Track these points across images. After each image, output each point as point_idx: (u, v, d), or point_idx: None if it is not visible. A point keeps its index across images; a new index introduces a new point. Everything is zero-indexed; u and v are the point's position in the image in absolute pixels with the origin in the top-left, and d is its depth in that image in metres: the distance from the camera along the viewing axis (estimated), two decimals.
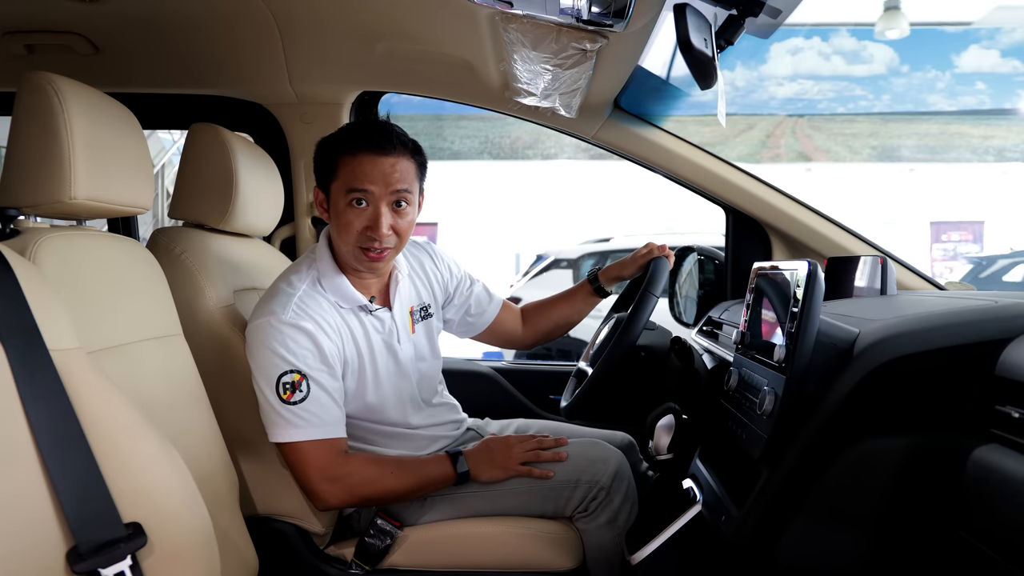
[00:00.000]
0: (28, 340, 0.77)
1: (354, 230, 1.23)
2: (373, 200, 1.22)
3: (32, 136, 0.94)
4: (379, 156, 1.22)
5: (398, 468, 1.29)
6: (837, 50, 11.80)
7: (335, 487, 1.23)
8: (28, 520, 0.73)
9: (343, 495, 1.25)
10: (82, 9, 1.37)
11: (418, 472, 1.29)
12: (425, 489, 1.31)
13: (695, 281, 1.87)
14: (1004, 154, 10.86)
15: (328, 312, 1.26)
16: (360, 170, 1.21)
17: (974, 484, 0.79)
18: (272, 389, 1.19)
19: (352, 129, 1.28)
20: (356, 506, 1.33)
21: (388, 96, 1.89)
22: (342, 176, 1.23)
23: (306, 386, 1.19)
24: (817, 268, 0.96)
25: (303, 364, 1.20)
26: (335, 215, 1.26)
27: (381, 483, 1.26)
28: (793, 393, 0.93)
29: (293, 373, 1.19)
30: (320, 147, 1.29)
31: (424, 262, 1.51)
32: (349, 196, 1.22)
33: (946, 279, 1.76)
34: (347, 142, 1.24)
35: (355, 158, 1.22)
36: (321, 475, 1.22)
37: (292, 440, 1.21)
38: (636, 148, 1.72)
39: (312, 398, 1.20)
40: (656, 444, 1.24)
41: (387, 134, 1.23)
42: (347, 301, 1.30)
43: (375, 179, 1.21)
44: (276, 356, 1.19)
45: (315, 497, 1.24)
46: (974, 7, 10.75)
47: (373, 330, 1.33)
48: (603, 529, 1.31)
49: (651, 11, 1.11)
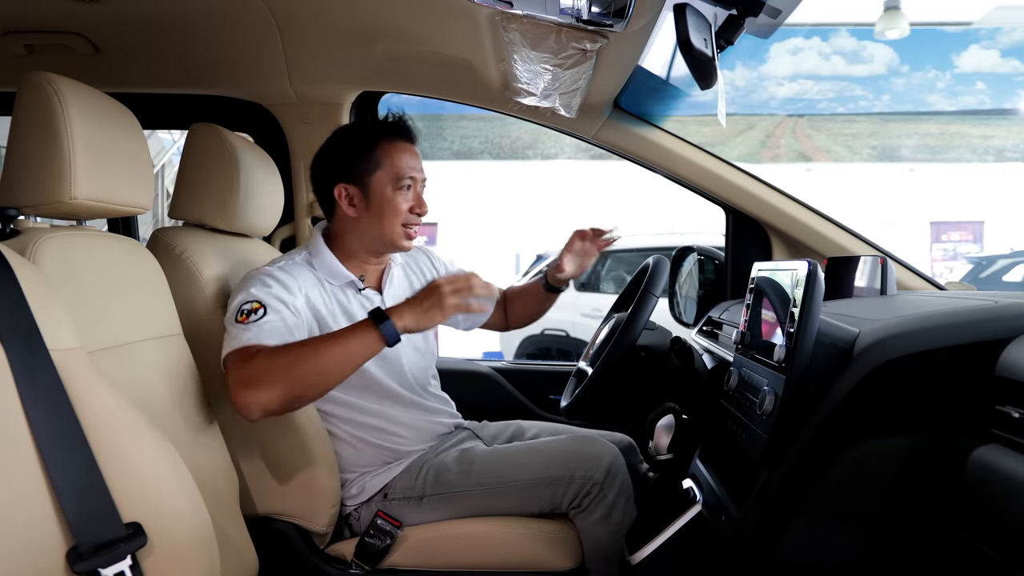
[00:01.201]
0: (28, 340, 0.77)
1: (402, 211, 1.35)
2: (415, 184, 1.37)
3: (32, 136, 0.94)
4: (413, 146, 1.39)
5: (310, 347, 1.15)
6: (837, 50, 11.80)
7: (249, 390, 1.10)
8: (28, 520, 0.73)
9: (264, 396, 1.10)
10: (82, 9, 1.37)
11: (334, 341, 1.15)
12: (352, 357, 1.14)
13: (695, 281, 1.87)
14: (1004, 154, 10.85)
15: (309, 279, 1.33)
16: (406, 160, 1.36)
17: (974, 484, 0.79)
18: (233, 316, 1.20)
19: (387, 124, 1.39)
20: (287, 403, 1.14)
21: (388, 96, 1.89)
22: (389, 166, 1.34)
23: (262, 312, 1.20)
24: (817, 268, 0.96)
25: (264, 296, 1.23)
26: (379, 203, 1.34)
27: (296, 367, 1.12)
28: (793, 393, 0.93)
29: (254, 302, 1.21)
30: (350, 145, 1.36)
31: (420, 262, 1.59)
32: (399, 183, 1.34)
33: (946, 279, 1.76)
34: (389, 135, 1.37)
35: (397, 148, 1.36)
36: (236, 382, 1.11)
37: (224, 352, 1.17)
38: (636, 148, 1.73)
39: (266, 320, 1.19)
40: (656, 444, 1.24)
41: (411, 128, 1.40)
42: (336, 278, 1.37)
43: (416, 167, 1.37)
44: (243, 292, 1.23)
45: (238, 406, 1.11)
46: (974, 7, 10.75)
47: (360, 309, 1.38)
48: (599, 525, 1.31)
49: (651, 11, 1.11)
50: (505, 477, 1.34)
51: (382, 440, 1.39)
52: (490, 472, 1.35)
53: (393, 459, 1.41)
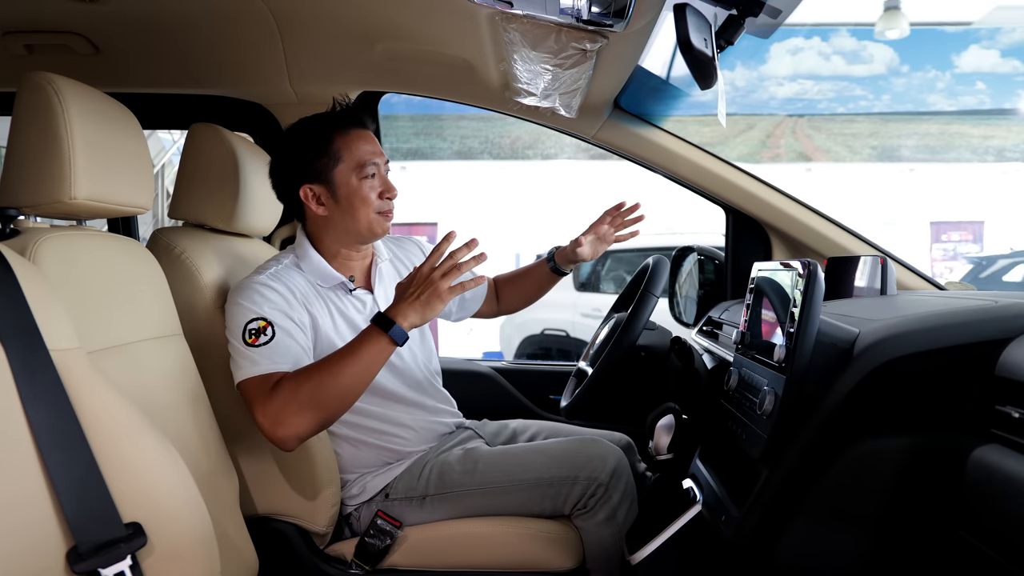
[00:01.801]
0: (28, 340, 0.77)
1: (372, 198, 1.32)
2: (378, 169, 1.34)
3: (32, 136, 0.94)
4: (367, 131, 1.36)
5: (327, 369, 1.15)
6: (837, 50, 11.80)
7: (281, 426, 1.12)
8: (28, 520, 0.73)
9: (296, 428, 1.13)
10: (82, 9, 1.37)
11: (348, 357, 1.15)
12: (369, 367, 1.15)
13: (695, 281, 1.87)
14: (1004, 154, 10.85)
15: (302, 285, 1.32)
16: (364, 148, 1.33)
17: (974, 484, 0.79)
18: (239, 337, 1.20)
19: (337, 116, 1.35)
20: (319, 427, 1.17)
21: (388, 96, 1.89)
22: (348, 158, 1.31)
23: (271, 331, 1.20)
24: (817, 268, 0.96)
25: (268, 312, 1.22)
26: (348, 195, 1.32)
27: (320, 393, 1.13)
28: (793, 393, 0.93)
29: (259, 320, 1.20)
30: (305, 146, 1.32)
31: (411, 252, 1.59)
32: (362, 172, 1.31)
33: (946, 279, 1.76)
34: (340, 127, 1.33)
35: (354, 139, 1.33)
36: (265, 419, 1.13)
37: (241, 377, 1.18)
38: (636, 148, 1.72)
39: (277, 341, 1.20)
40: (656, 444, 1.24)
41: (357, 113, 1.37)
42: (325, 280, 1.35)
43: (375, 151, 1.34)
44: (244, 307, 1.22)
45: (273, 441, 1.14)
46: (974, 7, 10.75)
47: (354, 311, 1.37)
48: (602, 526, 1.32)
49: (651, 11, 1.11)
50: (509, 477, 1.34)
51: (384, 441, 1.39)
52: (494, 471, 1.35)
53: (394, 459, 1.41)
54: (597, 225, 1.59)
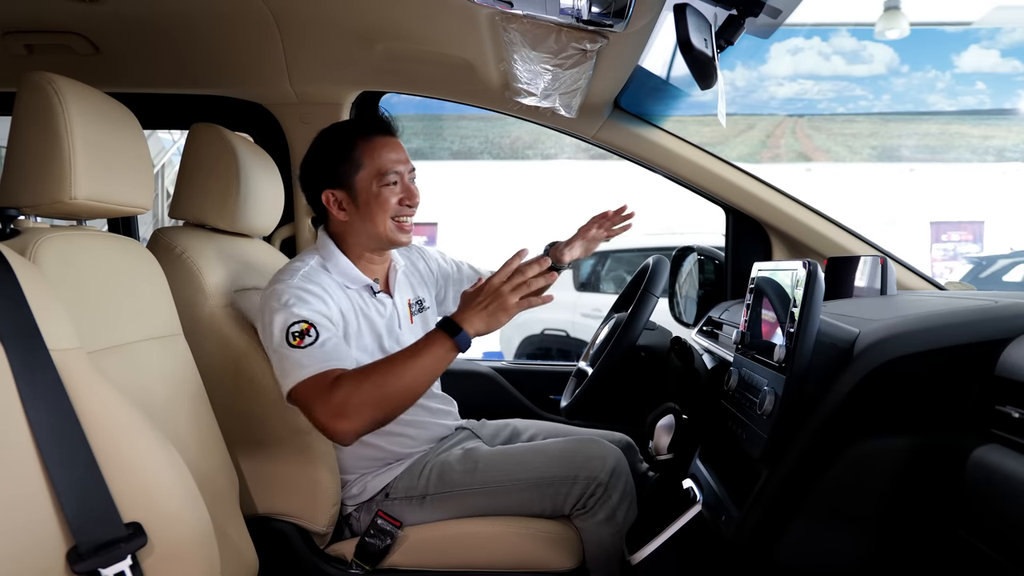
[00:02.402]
0: (28, 340, 0.77)
1: (391, 205, 1.33)
2: (401, 177, 1.35)
3: (32, 136, 0.94)
4: (393, 138, 1.36)
5: (389, 367, 1.15)
6: (837, 50, 11.80)
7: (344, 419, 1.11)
8: (28, 520, 0.73)
9: (358, 423, 1.12)
10: (82, 9, 1.37)
11: (412, 357, 1.15)
12: (432, 369, 1.15)
13: (695, 281, 1.87)
14: (1004, 154, 10.85)
15: (332, 287, 1.31)
16: (387, 153, 1.33)
17: (974, 484, 0.79)
18: (283, 340, 1.18)
19: (362, 122, 1.38)
20: (378, 424, 1.16)
21: (388, 96, 1.89)
22: (369, 164, 1.32)
23: (315, 332, 1.19)
24: (817, 268, 0.96)
25: (309, 314, 1.21)
26: (367, 201, 1.33)
27: (382, 389, 1.13)
28: (793, 393, 0.93)
29: (301, 323, 1.19)
30: (330, 151, 1.34)
31: (416, 262, 1.60)
32: (383, 180, 1.32)
33: (946, 279, 1.76)
34: (363, 134, 1.34)
35: (376, 145, 1.33)
36: (325, 413, 1.12)
37: (296, 380, 1.16)
38: (636, 148, 1.73)
39: (324, 340, 1.19)
40: (656, 444, 1.24)
41: (389, 121, 1.38)
42: (353, 281, 1.36)
43: (400, 160, 1.35)
44: (284, 310, 1.20)
45: (331, 436, 1.14)
46: (974, 7, 10.74)
47: (376, 313, 1.38)
48: (602, 526, 1.32)
49: (651, 11, 1.11)
50: (510, 476, 1.35)
51: (384, 442, 1.39)
52: (495, 471, 1.35)
53: (394, 460, 1.41)
54: (585, 230, 1.64)
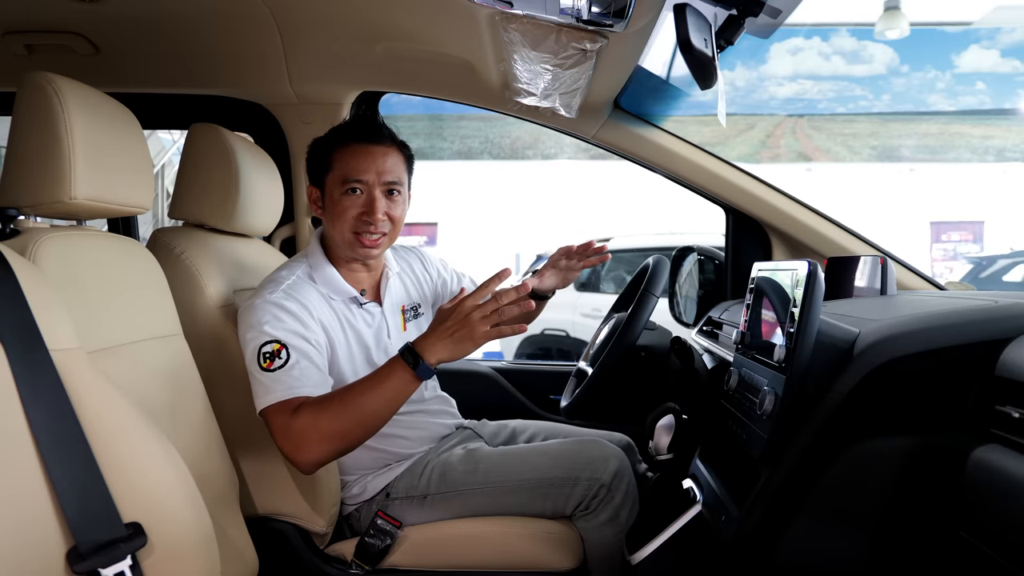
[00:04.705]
0: (28, 340, 0.77)
1: (349, 216, 1.28)
2: (367, 188, 1.29)
3: (32, 136, 0.94)
4: (371, 147, 1.29)
5: (349, 398, 1.13)
6: (837, 50, 11.81)
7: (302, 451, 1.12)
8: (28, 520, 0.73)
9: (316, 453, 1.12)
10: (82, 9, 1.37)
11: (372, 389, 1.13)
12: (392, 400, 1.14)
13: (695, 281, 1.87)
14: (1004, 154, 10.85)
15: (316, 300, 1.29)
16: (354, 161, 1.28)
17: (974, 484, 0.79)
18: (255, 359, 1.18)
19: (344, 125, 1.35)
20: (339, 453, 1.16)
21: (388, 96, 1.89)
22: (337, 168, 1.29)
23: (286, 354, 1.18)
24: (817, 268, 0.96)
25: (282, 334, 1.19)
26: (330, 205, 1.31)
27: (340, 422, 1.12)
28: (793, 393, 0.93)
29: (273, 343, 1.18)
30: (314, 146, 1.35)
31: (414, 265, 1.57)
32: (344, 186, 1.28)
33: (946, 279, 1.76)
34: (340, 136, 1.31)
35: (349, 150, 1.29)
36: (286, 444, 1.13)
37: (261, 406, 1.16)
38: (636, 148, 1.73)
39: (292, 364, 1.17)
40: (656, 444, 1.24)
41: (376, 127, 1.32)
42: (337, 293, 1.34)
43: (368, 169, 1.28)
44: (257, 329, 1.20)
45: (293, 464, 1.14)
46: (974, 7, 10.75)
47: (363, 324, 1.36)
48: (604, 527, 1.32)
49: (651, 11, 1.11)
50: (511, 477, 1.34)
51: (384, 444, 1.39)
52: (496, 471, 1.35)
53: (395, 460, 1.41)
54: (555, 260, 1.53)
